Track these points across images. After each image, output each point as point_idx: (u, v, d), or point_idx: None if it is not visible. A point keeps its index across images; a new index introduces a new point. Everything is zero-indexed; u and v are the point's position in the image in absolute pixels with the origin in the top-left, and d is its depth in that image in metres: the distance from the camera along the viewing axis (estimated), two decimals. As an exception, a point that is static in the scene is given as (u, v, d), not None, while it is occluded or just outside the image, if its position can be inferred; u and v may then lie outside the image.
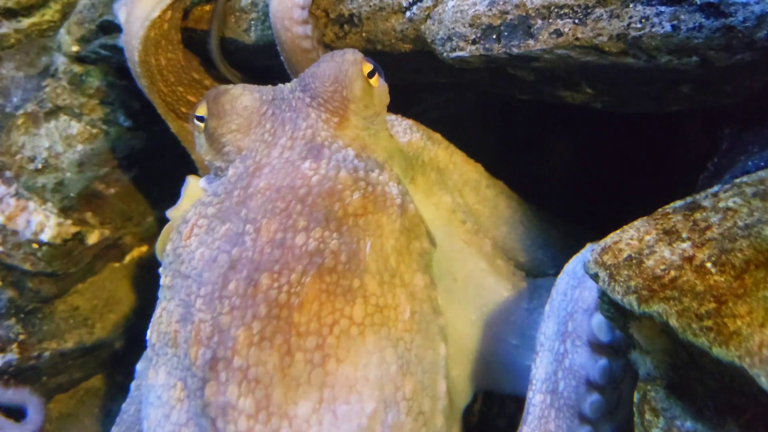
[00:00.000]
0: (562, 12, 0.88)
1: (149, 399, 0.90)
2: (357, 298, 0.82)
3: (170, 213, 1.07)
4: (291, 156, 0.89)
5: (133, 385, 1.05)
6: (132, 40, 1.18)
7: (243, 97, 0.95)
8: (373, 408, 0.80)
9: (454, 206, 1.06)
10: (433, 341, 0.87)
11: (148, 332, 0.94)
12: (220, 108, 0.95)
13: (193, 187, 1.06)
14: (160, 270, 0.96)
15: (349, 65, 0.93)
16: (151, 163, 1.53)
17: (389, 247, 0.86)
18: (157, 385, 0.89)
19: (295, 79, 0.98)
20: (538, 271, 1.13)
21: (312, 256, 0.82)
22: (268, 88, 0.98)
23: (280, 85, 0.99)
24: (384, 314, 0.83)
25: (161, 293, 0.93)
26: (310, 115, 0.92)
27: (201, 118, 0.97)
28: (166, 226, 1.04)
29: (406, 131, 1.06)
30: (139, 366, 1.03)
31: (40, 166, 1.44)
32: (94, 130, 1.47)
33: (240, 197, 0.89)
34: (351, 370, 0.80)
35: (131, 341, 1.59)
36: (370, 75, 0.95)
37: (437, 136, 1.10)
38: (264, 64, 1.26)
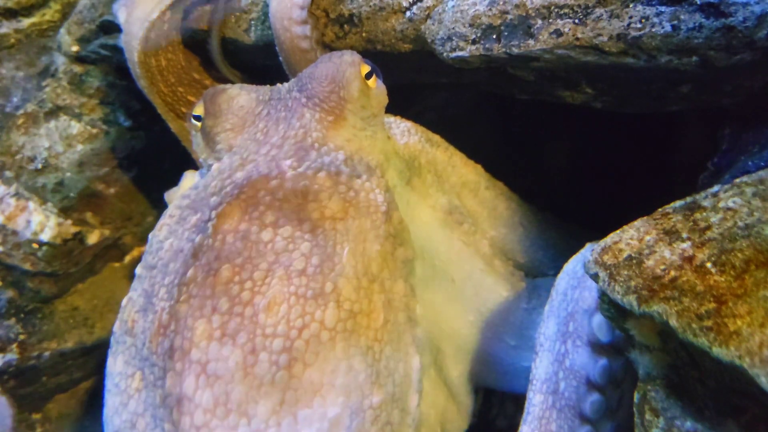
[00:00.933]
0: (562, 12, 0.88)
1: (107, 386, 0.89)
2: (329, 303, 0.79)
3: (168, 195, 1.08)
4: (278, 154, 0.88)
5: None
6: (132, 41, 1.18)
7: (240, 96, 0.95)
8: (336, 414, 0.77)
9: (450, 208, 1.06)
10: (406, 353, 0.85)
11: None
12: (216, 107, 0.95)
13: (189, 180, 1.06)
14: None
15: (347, 66, 0.92)
16: (151, 163, 1.53)
17: (373, 252, 0.84)
18: (115, 373, 0.88)
19: (292, 80, 0.98)
20: (538, 272, 1.13)
21: (279, 255, 0.80)
22: (265, 88, 0.98)
23: (278, 85, 0.99)
24: (357, 321, 0.80)
25: (132, 284, 0.92)
26: (304, 115, 0.91)
27: (198, 117, 0.98)
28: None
29: (404, 133, 1.06)
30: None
31: (40, 166, 1.44)
32: (94, 130, 1.47)
33: (216, 188, 0.88)
34: (317, 375, 0.77)
35: (131, 341, 1.59)
36: (368, 76, 0.94)
37: (436, 138, 1.09)
38: (264, 64, 1.26)
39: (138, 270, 0.92)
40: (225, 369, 0.77)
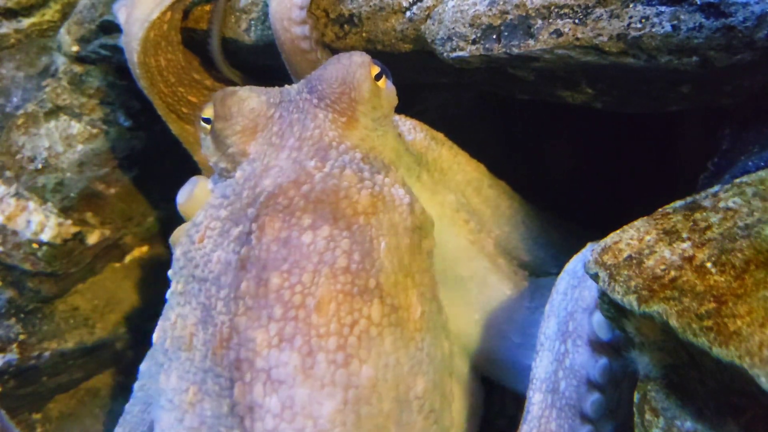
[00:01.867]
0: (562, 12, 0.88)
1: (160, 402, 0.90)
2: (374, 299, 0.81)
3: (182, 205, 1.07)
4: (299, 156, 0.89)
5: (136, 385, 1.05)
6: (131, 42, 1.18)
7: (250, 99, 0.95)
8: (389, 408, 0.80)
9: (457, 205, 1.07)
10: (440, 339, 0.88)
11: (155, 336, 0.94)
12: (226, 110, 0.94)
13: (202, 188, 1.05)
14: (170, 273, 0.95)
15: (357, 67, 0.92)
16: (152, 163, 1.53)
17: (404, 246, 0.86)
18: (168, 389, 0.89)
19: (301, 81, 0.98)
20: (541, 271, 1.13)
21: (322, 254, 0.82)
22: (274, 91, 0.98)
23: (287, 87, 0.98)
24: (399, 315, 0.83)
25: (173, 299, 0.92)
26: (317, 116, 0.92)
27: (207, 120, 0.97)
28: (181, 226, 1.03)
29: (410, 131, 1.06)
30: (142, 366, 1.03)
31: (40, 166, 1.44)
32: (94, 130, 1.47)
33: (249, 198, 0.88)
34: (372, 371, 0.80)
35: (132, 341, 1.59)
36: (377, 77, 0.95)
37: (440, 136, 1.10)
38: (264, 64, 1.26)
39: (179, 287, 0.91)
40: (286, 374, 0.79)
